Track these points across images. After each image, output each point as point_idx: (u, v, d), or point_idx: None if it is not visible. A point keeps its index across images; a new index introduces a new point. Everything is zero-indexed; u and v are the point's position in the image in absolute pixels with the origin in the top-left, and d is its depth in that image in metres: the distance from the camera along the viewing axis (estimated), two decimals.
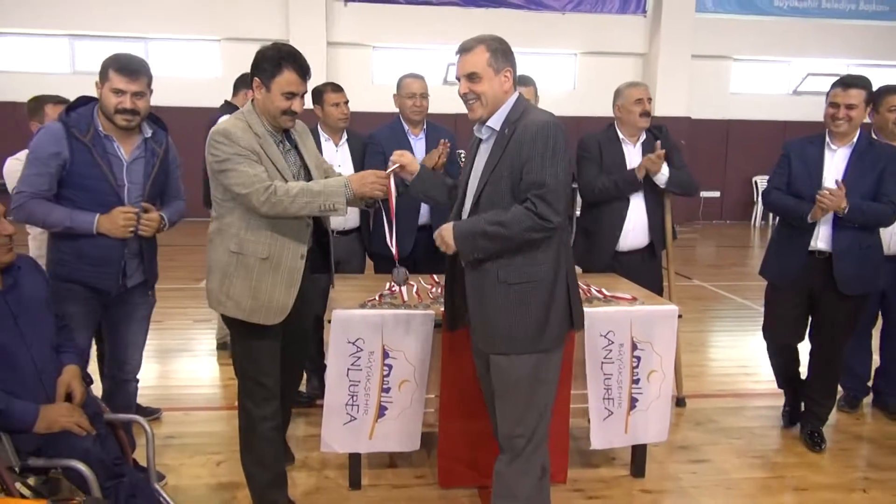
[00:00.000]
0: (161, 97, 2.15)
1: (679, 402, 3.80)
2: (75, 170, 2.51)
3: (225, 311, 2.44)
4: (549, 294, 2.16)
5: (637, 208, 3.50)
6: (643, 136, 3.58)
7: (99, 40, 10.14)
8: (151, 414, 3.46)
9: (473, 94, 2.16)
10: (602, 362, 2.73)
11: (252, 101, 2.45)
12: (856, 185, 3.06)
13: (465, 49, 2.20)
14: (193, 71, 10.66)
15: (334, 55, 10.56)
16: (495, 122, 2.19)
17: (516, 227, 2.06)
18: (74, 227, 2.50)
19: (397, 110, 3.71)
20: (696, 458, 3.20)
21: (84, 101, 2.61)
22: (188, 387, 4.08)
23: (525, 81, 3.72)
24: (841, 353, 3.35)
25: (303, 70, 2.40)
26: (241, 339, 2.49)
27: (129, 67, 2.53)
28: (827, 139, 3.19)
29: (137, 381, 2.90)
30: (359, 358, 2.60)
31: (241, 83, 4.22)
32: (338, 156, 3.66)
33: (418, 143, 3.65)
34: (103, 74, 2.51)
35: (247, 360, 2.48)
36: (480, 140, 2.28)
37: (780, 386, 3.62)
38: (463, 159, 3.14)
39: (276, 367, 2.49)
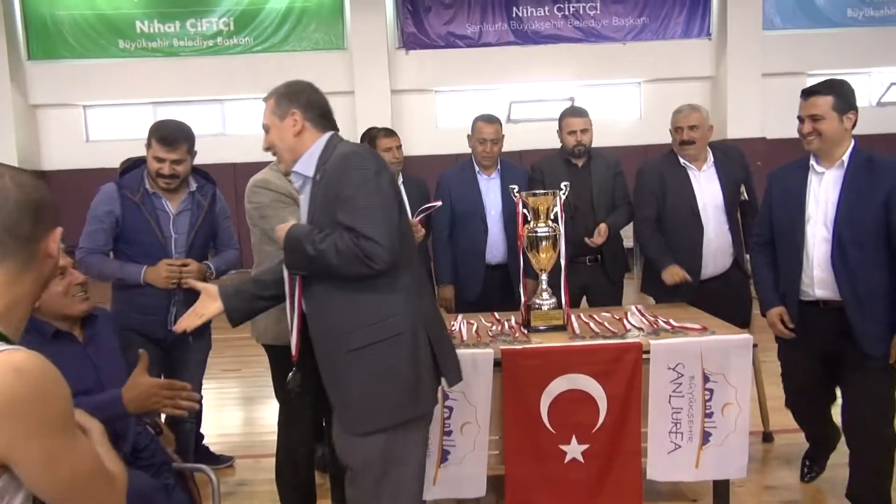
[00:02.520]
0: (237, 154, 2.28)
1: (766, 437, 3.56)
2: (127, 225, 2.81)
3: (266, 340, 2.59)
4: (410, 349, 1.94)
5: (716, 232, 3.34)
6: (711, 159, 3.41)
7: (179, 105, 10.77)
8: (224, 462, 3.53)
9: (270, 146, 2.08)
10: (670, 395, 2.60)
11: None
12: (852, 215, 2.49)
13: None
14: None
15: (398, 102, 10.81)
16: (304, 167, 2.02)
17: (338, 258, 1.86)
18: (125, 278, 2.78)
19: (462, 152, 3.79)
20: (786, 499, 2.98)
21: (137, 162, 2.92)
22: (263, 433, 4.15)
23: (578, 112, 3.70)
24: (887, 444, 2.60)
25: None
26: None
27: (168, 138, 2.81)
28: (812, 161, 2.64)
29: (194, 423, 3.00)
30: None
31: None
32: None
33: (491, 183, 3.69)
34: (148, 141, 2.80)
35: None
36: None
37: (807, 439, 3.17)
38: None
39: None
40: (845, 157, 2.57)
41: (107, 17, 10.69)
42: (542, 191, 2.99)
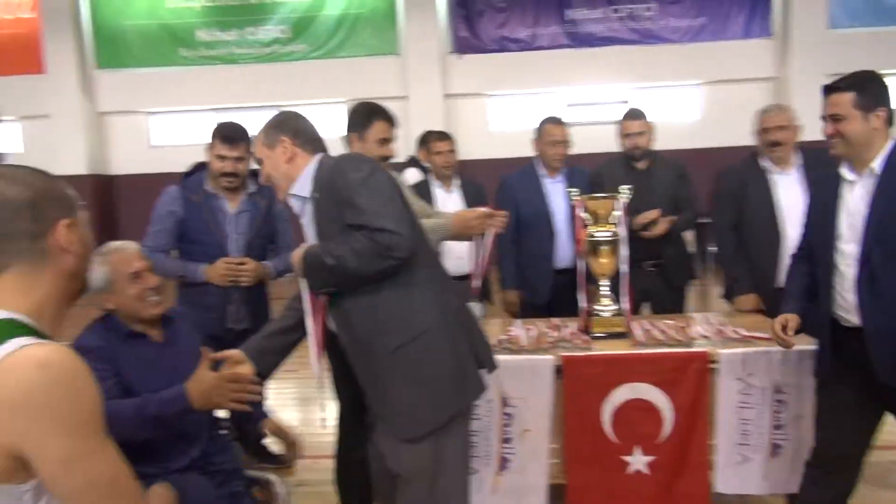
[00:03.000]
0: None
1: None
2: (189, 225, 2.92)
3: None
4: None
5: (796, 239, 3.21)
6: (798, 161, 3.21)
7: (237, 111, 11.03)
8: (283, 462, 3.56)
9: (268, 178, 2.11)
10: (738, 407, 2.50)
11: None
12: (884, 231, 2.14)
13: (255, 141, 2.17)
14: (321, 133, 11.29)
15: (452, 106, 10.83)
16: (301, 189, 2.03)
17: (358, 259, 1.85)
18: (186, 276, 2.83)
19: (515, 156, 3.75)
20: None
21: (200, 166, 3.04)
22: (321, 434, 4.18)
23: (635, 115, 3.63)
24: None
25: (391, 118, 2.66)
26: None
27: (229, 136, 2.93)
28: (843, 169, 2.28)
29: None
30: (476, 406, 2.55)
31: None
32: (449, 201, 3.73)
33: (556, 186, 3.64)
34: (211, 142, 2.85)
35: None
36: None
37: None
38: None
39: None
40: (875, 164, 2.19)
41: (169, 27, 11.04)
42: (601, 194, 2.93)
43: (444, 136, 3.84)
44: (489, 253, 2.70)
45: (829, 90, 2.27)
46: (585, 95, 10.80)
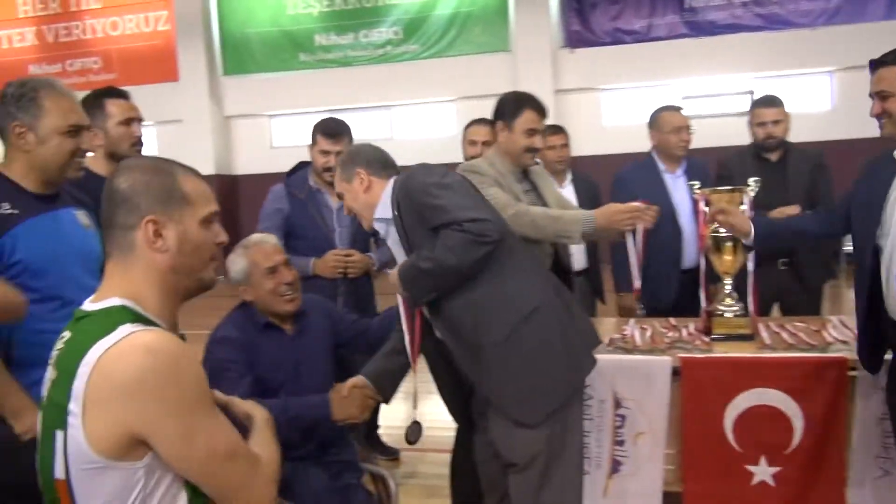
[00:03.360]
0: (404, 158, 2.36)
1: None
2: (295, 222, 2.99)
3: None
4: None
5: None
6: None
7: (351, 111, 11.37)
8: (391, 453, 3.62)
9: (351, 211, 2.18)
10: (880, 418, 2.28)
11: (494, 145, 2.69)
12: None
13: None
14: (431, 131, 11.46)
15: (563, 102, 10.65)
16: (383, 212, 2.09)
17: (454, 253, 1.91)
18: (296, 270, 2.90)
19: (629, 151, 3.60)
20: None
21: (302, 165, 3.14)
22: (431, 428, 4.22)
23: (770, 102, 3.41)
24: None
25: (541, 108, 2.63)
26: None
27: (332, 131, 3.02)
28: None
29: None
30: (588, 406, 2.46)
31: None
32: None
33: (677, 181, 3.42)
34: (313, 139, 2.96)
35: None
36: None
37: None
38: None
39: None
40: None
41: (290, 33, 11.54)
42: (726, 187, 2.75)
43: (557, 129, 3.74)
44: (641, 250, 2.66)
45: (876, 64, 2.04)
46: (704, 87, 10.31)
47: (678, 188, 3.38)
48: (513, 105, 2.62)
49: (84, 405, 1.14)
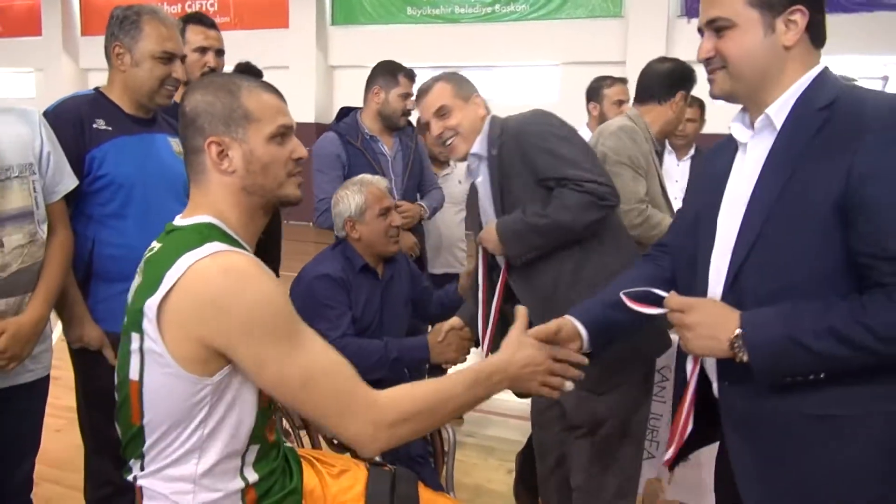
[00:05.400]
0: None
1: None
2: (353, 171, 2.82)
3: None
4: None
5: None
6: None
7: (456, 69, 11.25)
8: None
9: (450, 130, 1.96)
10: None
11: (634, 115, 2.50)
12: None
13: (424, 91, 2.02)
14: (534, 96, 11.21)
15: None
16: (480, 148, 1.96)
17: (571, 212, 1.82)
18: None
19: None
20: None
21: (345, 112, 3.05)
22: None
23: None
24: None
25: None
26: None
27: (413, 75, 2.99)
28: (735, 123, 1.50)
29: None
30: (663, 388, 2.34)
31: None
32: (678, 170, 3.49)
33: None
34: (391, 81, 2.81)
35: None
36: (474, 182, 2.07)
37: None
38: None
39: None
40: (773, 108, 1.35)
41: None
42: None
43: (695, 100, 3.40)
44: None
45: None
46: (833, 68, 9.53)
47: None
48: (679, 78, 2.48)
49: (165, 313, 1.17)
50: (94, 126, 1.98)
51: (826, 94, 1.29)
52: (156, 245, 1.30)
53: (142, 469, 1.27)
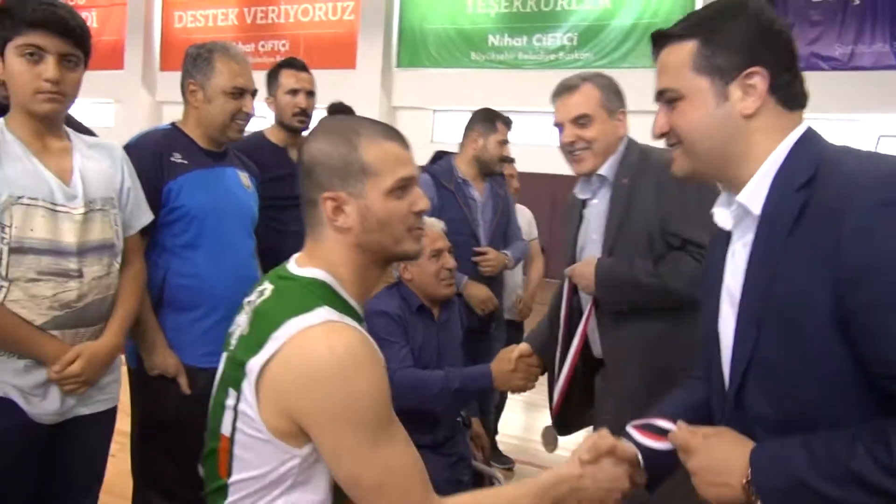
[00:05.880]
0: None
1: None
2: (443, 213, 2.87)
3: None
4: None
5: None
6: None
7: (513, 114, 11.33)
8: (506, 463, 3.51)
9: (583, 142, 1.80)
10: None
11: None
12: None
13: (567, 89, 1.84)
14: None
15: None
16: (608, 171, 1.82)
17: (684, 281, 1.65)
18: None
19: None
20: None
21: (440, 155, 3.01)
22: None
23: None
24: None
25: None
26: None
27: (509, 122, 3.11)
28: (718, 207, 1.31)
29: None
30: None
31: None
32: None
33: None
34: (490, 127, 2.86)
35: None
36: (584, 201, 1.88)
37: None
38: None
39: None
40: (746, 194, 1.17)
41: (465, 31, 11.71)
42: None
43: None
44: None
45: (657, 40, 1.27)
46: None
47: None
48: None
49: (263, 378, 1.12)
50: (172, 159, 2.04)
51: (805, 167, 1.06)
52: (267, 287, 1.24)
53: None
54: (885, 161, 1.06)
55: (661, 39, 1.21)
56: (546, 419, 4.25)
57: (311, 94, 2.79)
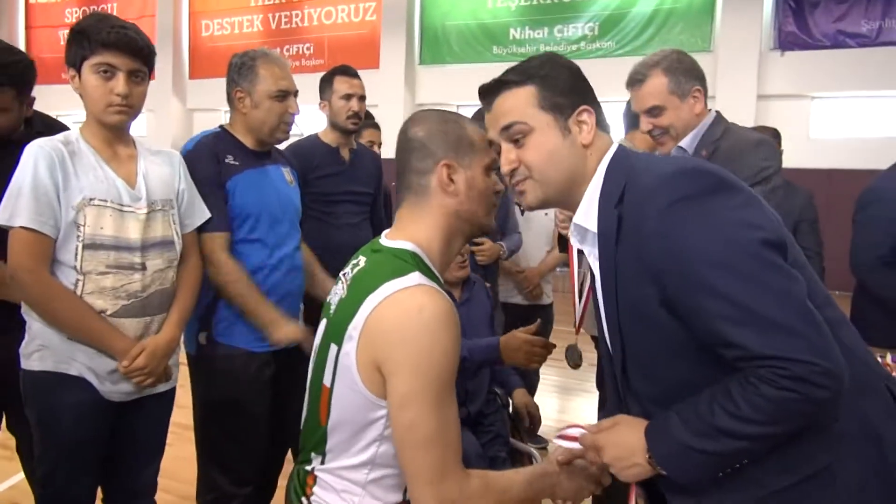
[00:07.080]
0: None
1: None
2: None
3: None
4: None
5: None
6: None
7: None
8: (540, 443, 3.62)
9: (660, 129, 1.82)
10: None
11: None
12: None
13: (637, 82, 1.86)
14: (621, 131, 11.12)
15: (765, 108, 9.88)
16: (687, 143, 1.85)
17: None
18: None
19: (838, 167, 3.32)
20: None
21: None
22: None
23: None
24: None
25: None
26: None
27: None
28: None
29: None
30: None
31: None
32: None
33: None
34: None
35: None
36: None
37: None
38: None
39: None
40: (581, 209, 1.33)
41: (486, 26, 11.78)
42: None
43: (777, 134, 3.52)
44: None
45: (495, 87, 1.37)
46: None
47: None
48: None
49: (361, 332, 1.26)
50: (227, 161, 2.19)
51: (617, 185, 1.22)
52: (361, 260, 1.38)
53: (322, 463, 1.37)
54: (671, 163, 1.22)
55: (496, 86, 1.33)
56: (578, 403, 4.35)
57: (362, 98, 2.95)
